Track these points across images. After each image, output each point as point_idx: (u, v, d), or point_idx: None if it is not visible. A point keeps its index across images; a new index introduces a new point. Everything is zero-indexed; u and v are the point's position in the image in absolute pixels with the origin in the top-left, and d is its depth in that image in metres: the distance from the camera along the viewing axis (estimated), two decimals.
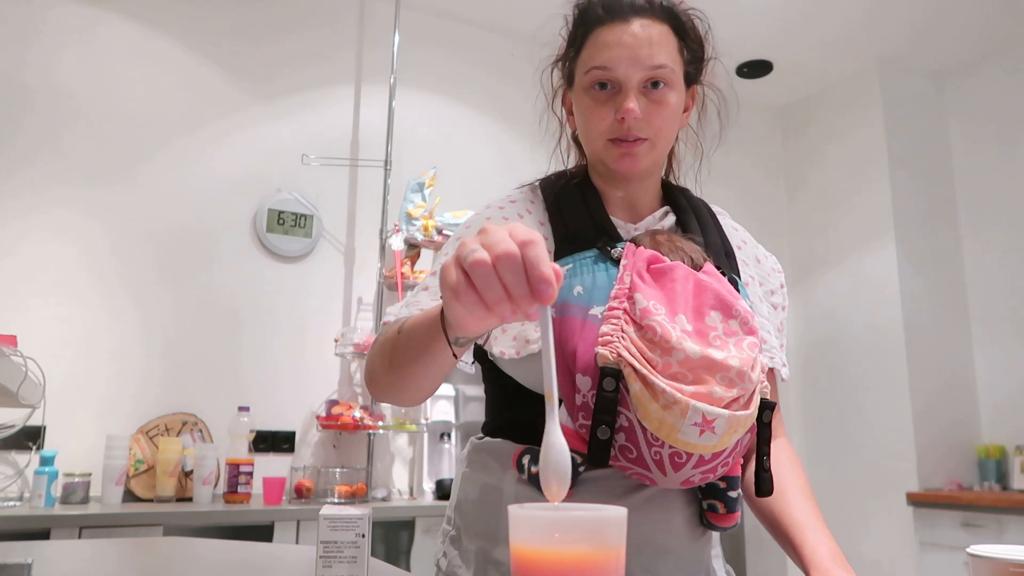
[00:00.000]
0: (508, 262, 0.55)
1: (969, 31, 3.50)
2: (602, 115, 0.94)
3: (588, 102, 0.96)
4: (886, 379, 3.57)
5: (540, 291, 0.55)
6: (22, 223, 2.58)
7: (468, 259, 0.56)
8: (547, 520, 0.50)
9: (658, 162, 1.00)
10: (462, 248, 0.57)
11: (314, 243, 3.02)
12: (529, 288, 0.55)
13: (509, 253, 0.55)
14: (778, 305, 1.05)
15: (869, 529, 3.55)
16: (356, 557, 0.72)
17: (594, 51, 0.94)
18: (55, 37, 2.72)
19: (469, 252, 0.56)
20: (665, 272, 0.86)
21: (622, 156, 0.95)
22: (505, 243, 0.55)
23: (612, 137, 0.95)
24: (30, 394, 1.63)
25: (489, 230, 0.58)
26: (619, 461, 0.83)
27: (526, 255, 0.55)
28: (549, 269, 0.55)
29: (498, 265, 0.55)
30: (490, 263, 0.55)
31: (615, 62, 0.92)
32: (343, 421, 2.76)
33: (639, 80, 0.92)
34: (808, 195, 4.13)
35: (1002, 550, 0.64)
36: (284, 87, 3.08)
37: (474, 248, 0.56)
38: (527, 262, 0.55)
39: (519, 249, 0.55)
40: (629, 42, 0.92)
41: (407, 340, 0.79)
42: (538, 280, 0.55)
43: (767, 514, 0.96)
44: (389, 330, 0.86)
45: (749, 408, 0.81)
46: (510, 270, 0.55)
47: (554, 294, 0.55)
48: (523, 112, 3.38)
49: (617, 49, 0.92)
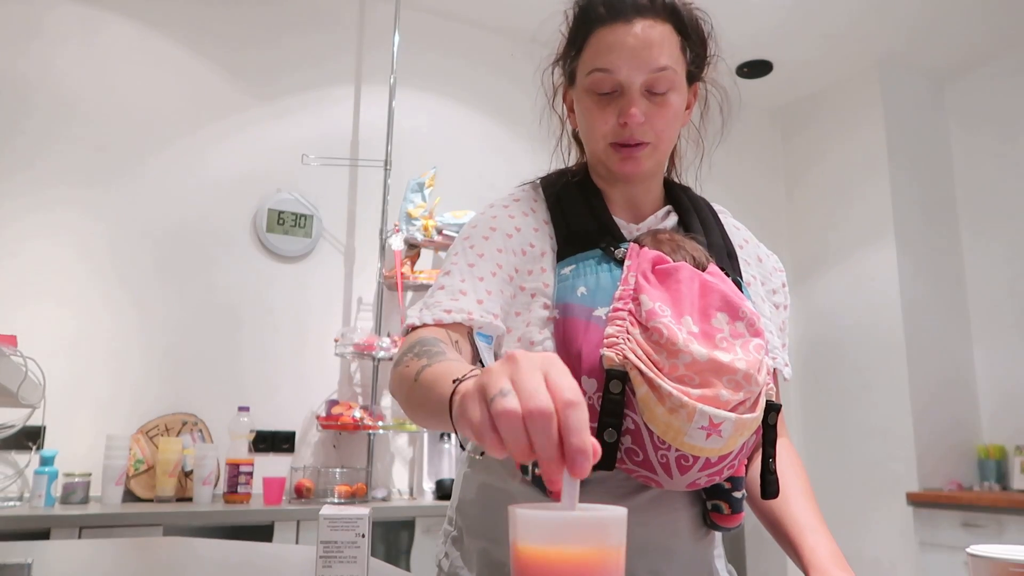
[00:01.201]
0: (541, 422, 0.47)
1: (969, 31, 3.50)
2: (604, 118, 0.93)
3: (589, 104, 0.94)
4: (886, 379, 3.57)
5: (575, 462, 0.47)
6: (23, 223, 2.58)
7: (495, 404, 0.49)
8: (547, 520, 0.50)
9: (660, 163, 0.99)
10: (489, 383, 0.50)
11: (314, 243, 3.02)
12: (561, 454, 0.48)
13: (543, 411, 0.47)
14: (780, 304, 1.05)
15: (869, 529, 3.55)
16: (356, 557, 0.72)
17: (596, 52, 0.92)
18: (55, 38, 2.72)
19: (498, 394, 0.49)
20: (670, 273, 0.86)
21: (624, 160, 0.94)
22: (540, 396, 0.48)
23: (614, 141, 0.94)
24: (30, 394, 1.63)
25: (521, 364, 0.50)
26: (625, 464, 0.82)
27: (564, 419, 0.47)
28: (589, 438, 0.47)
29: (528, 422, 0.48)
30: (520, 416, 0.48)
31: (617, 65, 0.90)
32: (343, 421, 2.76)
33: (641, 83, 0.91)
34: (808, 195, 4.13)
35: (1002, 550, 0.64)
36: (284, 87, 3.08)
37: (504, 389, 0.49)
38: (564, 428, 0.47)
39: (557, 408, 0.48)
40: (631, 44, 0.90)
41: (422, 396, 0.73)
42: (575, 451, 0.47)
43: (767, 514, 0.96)
44: (408, 370, 0.78)
45: (755, 411, 0.81)
46: (542, 431, 0.47)
47: (589, 468, 0.47)
48: (523, 112, 3.39)
49: (619, 51, 0.90)
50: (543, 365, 0.51)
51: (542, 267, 0.93)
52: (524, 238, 0.95)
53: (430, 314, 0.88)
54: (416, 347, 0.80)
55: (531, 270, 0.93)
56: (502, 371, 0.51)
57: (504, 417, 0.48)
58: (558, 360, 0.52)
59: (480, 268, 0.91)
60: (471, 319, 0.87)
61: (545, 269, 0.93)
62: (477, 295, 0.89)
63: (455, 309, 0.87)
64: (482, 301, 0.89)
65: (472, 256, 0.92)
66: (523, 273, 0.93)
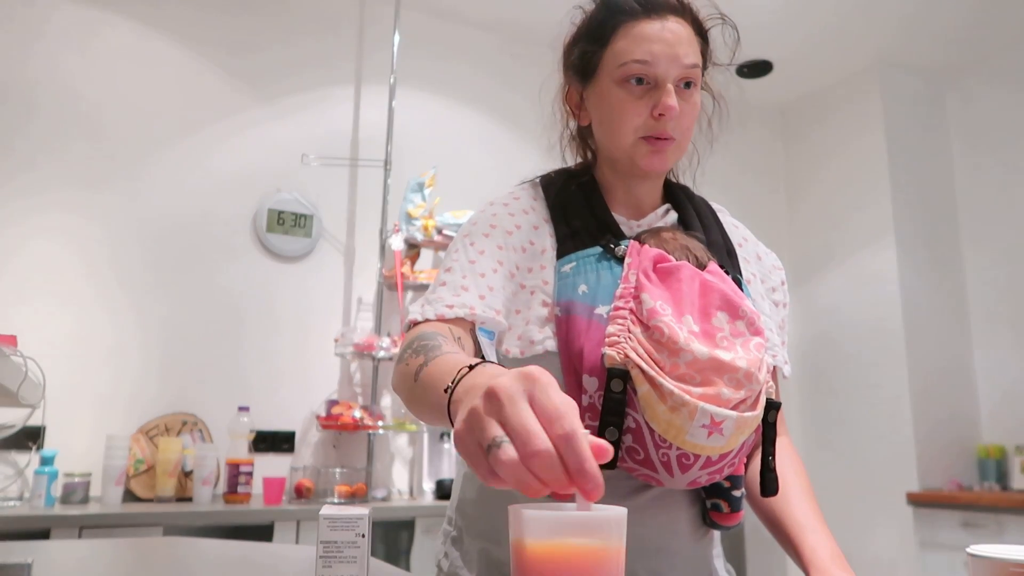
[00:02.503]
0: (543, 463, 0.46)
1: (969, 31, 3.50)
2: (637, 110, 0.92)
3: (623, 95, 0.93)
4: (886, 379, 3.57)
5: (586, 491, 0.46)
6: (24, 224, 2.58)
7: (493, 457, 0.47)
8: (547, 519, 0.50)
9: (679, 158, 1.00)
10: (482, 433, 0.48)
11: (314, 243, 3.02)
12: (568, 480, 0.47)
13: (541, 453, 0.46)
14: (779, 302, 1.05)
15: (869, 529, 3.55)
16: (356, 557, 0.72)
17: (632, 43, 0.92)
18: (57, 39, 2.72)
19: (492, 445, 0.47)
20: (671, 272, 0.86)
21: (652, 154, 0.94)
22: (535, 439, 0.46)
23: (645, 135, 0.93)
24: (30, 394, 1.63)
25: (504, 402, 0.48)
26: (626, 463, 0.82)
27: (566, 453, 0.46)
28: (594, 464, 0.46)
29: (531, 466, 0.46)
30: (520, 464, 0.46)
31: (657, 57, 0.91)
32: (343, 421, 2.76)
33: (675, 77, 0.92)
34: (808, 194, 4.13)
35: (1002, 550, 0.64)
36: (284, 87, 3.08)
37: (497, 439, 0.47)
38: (567, 461, 0.46)
39: (553, 443, 0.46)
40: (669, 38, 0.91)
41: (422, 395, 0.72)
42: (582, 478, 0.46)
43: (768, 514, 0.96)
44: (408, 367, 0.78)
45: (756, 409, 0.81)
46: (547, 470, 0.46)
47: (601, 490, 0.46)
48: (523, 112, 3.39)
49: (658, 44, 0.91)
50: (526, 389, 0.49)
51: (542, 264, 0.93)
52: (524, 235, 0.95)
53: (432, 309, 0.87)
54: (415, 343, 0.80)
55: (531, 267, 0.94)
56: (490, 413, 0.49)
57: (506, 468, 0.46)
58: (539, 374, 0.49)
59: (481, 265, 0.91)
60: (473, 314, 0.87)
61: (545, 267, 0.93)
62: (479, 291, 0.89)
63: (457, 304, 0.87)
64: (484, 297, 0.89)
65: (473, 253, 0.92)
66: (523, 270, 0.93)
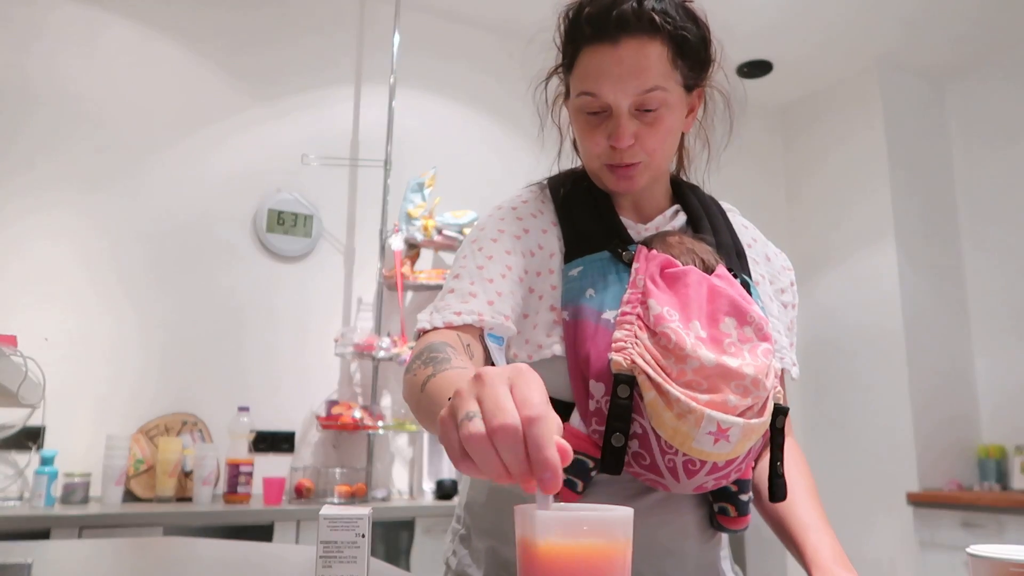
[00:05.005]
0: (506, 438, 0.47)
1: (969, 31, 3.50)
2: (595, 139, 0.92)
3: (582, 124, 0.94)
4: (886, 379, 3.57)
5: (543, 480, 0.47)
6: (24, 224, 2.58)
7: (462, 430, 0.48)
8: (553, 518, 0.50)
9: (658, 174, 0.98)
10: (458, 406, 0.50)
11: (314, 243, 3.02)
12: (530, 468, 0.47)
13: (506, 427, 0.47)
14: (788, 303, 1.05)
15: (869, 529, 3.55)
16: (356, 557, 0.72)
17: (584, 74, 0.90)
18: (57, 39, 2.72)
19: (464, 418, 0.49)
20: (679, 277, 0.85)
21: (619, 180, 0.94)
22: (503, 413, 0.47)
23: (607, 162, 0.93)
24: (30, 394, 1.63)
25: (486, 382, 0.50)
26: (632, 468, 0.82)
27: (529, 434, 0.47)
28: (554, 453, 0.47)
29: (495, 440, 0.47)
30: (487, 438, 0.47)
31: (603, 89, 0.88)
32: (343, 421, 2.76)
33: (629, 105, 0.89)
34: (808, 194, 4.13)
35: (1002, 550, 0.64)
36: (284, 87, 3.08)
37: (469, 412, 0.49)
38: (529, 442, 0.47)
39: (522, 424, 0.47)
40: (616, 71, 0.87)
41: (427, 407, 0.72)
42: (541, 466, 0.47)
43: (771, 513, 0.96)
44: (416, 378, 0.77)
45: (763, 415, 0.80)
46: (509, 449, 0.47)
47: (558, 483, 0.47)
48: (523, 112, 3.37)
49: (605, 76, 0.88)
50: (510, 377, 0.50)
51: (550, 268, 0.93)
52: (533, 240, 0.95)
53: (440, 317, 0.87)
54: (424, 354, 0.79)
55: (540, 272, 0.93)
56: (470, 392, 0.50)
57: (471, 441, 0.47)
58: (527, 370, 0.51)
59: (489, 270, 0.90)
60: (481, 320, 0.86)
61: (553, 271, 0.93)
62: (487, 297, 0.88)
63: (465, 311, 0.86)
64: (492, 303, 0.88)
65: (481, 258, 0.92)
66: (532, 275, 0.93)
